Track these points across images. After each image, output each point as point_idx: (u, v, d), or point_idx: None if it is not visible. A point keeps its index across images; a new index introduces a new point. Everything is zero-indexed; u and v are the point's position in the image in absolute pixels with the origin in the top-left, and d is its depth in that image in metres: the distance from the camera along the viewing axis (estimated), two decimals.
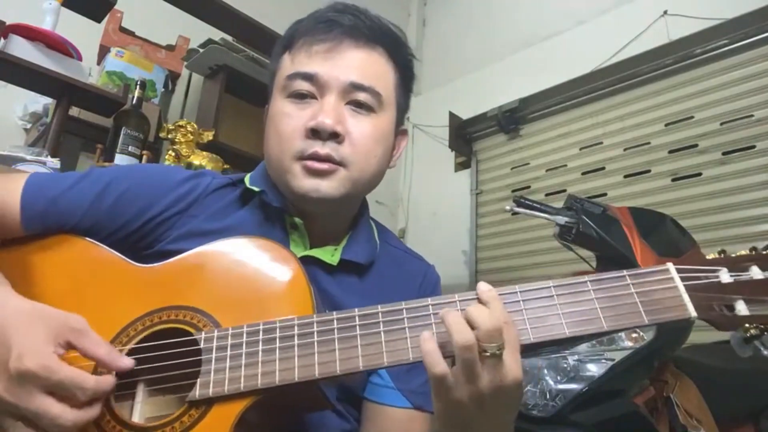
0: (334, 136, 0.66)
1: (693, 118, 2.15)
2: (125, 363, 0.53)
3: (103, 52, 1.89)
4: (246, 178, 0.76)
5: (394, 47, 0.74)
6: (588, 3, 2.63)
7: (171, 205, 0.69)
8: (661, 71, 2.24)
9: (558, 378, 1.12)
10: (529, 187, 2.63)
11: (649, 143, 2.25)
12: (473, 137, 2.96)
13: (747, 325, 0.50)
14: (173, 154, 1.63)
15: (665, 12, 2.27)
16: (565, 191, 2.42)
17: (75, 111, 1.65)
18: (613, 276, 0.53)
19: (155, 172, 0.73)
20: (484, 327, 0.48)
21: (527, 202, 1.39)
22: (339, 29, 0.70)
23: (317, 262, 0.70)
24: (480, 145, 2.95)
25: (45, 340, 0.50)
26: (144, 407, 0.57)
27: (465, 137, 2.95)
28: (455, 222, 2.90)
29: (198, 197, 0.72)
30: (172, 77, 2.05)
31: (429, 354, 0.49)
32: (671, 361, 1.24)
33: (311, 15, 0.73)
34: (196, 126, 1.70)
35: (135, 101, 1.59)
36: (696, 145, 2.11)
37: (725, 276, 0.51)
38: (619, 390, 1.12)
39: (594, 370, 1.10)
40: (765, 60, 1.99)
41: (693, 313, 0.50)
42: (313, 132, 0.66)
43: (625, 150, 2.32)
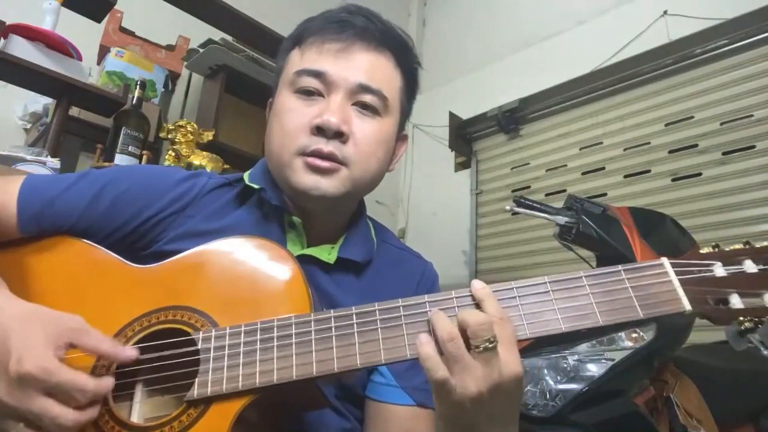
0: (338, 135, 0.66)
1: (693, 118, 2.14)
2: (130, 353, 0.54)
3: (103, 52, 1.89)
4: (245, 175, 0.76)
5: (402, 53, 0.74)
6: (588, 3, 2.63)
7: (168, 206, 0.69)
8: (661, 71, 2.24)
9: (558, 378, 1.12)
10: (529, 187, 2.63)
11: (649, 143, 2.24)
12: (473, 137, 2.96)
13: (741, 318, 0.50)
14: (173, 154, 1.63)
15: (665, 12, 2.27)
16: (565, 191, 2.42)
17: (75, 111, 1.65)
18: (609, 271, 0.53)
19: (152, 173, 0.73)
20: (473, 321, 0.48)
21: (527, 202, 1.39)
22: (351, 30, 0.70)
23: (314, 260, 0.70)
24: (480, 145, 2.95)
25: (44, 342, 0.50)
26: (142, 407, 0.57)
27: (465, 137, 2.95)
28: (455, 222, 2.90)
29: (195, 197, 0.72)
30: (172, 77, 2.05)
31: (428, 359, 0.49)
32: (671, 361, 1.24)
33: (322, 14, 0.73)
34: (196, 126, 1.70)
35: (135, 101, 1.59)
36: (696, 145, 2.11)
37: (719, 270, 0.52)
38: (619, 390, 1.11)
39: (594, 370, 1.10)
40: (765, 60, 1.99)
41: (688, 307, 0.50)
42: (318, 129, 0.66)
43: (625, 150, 2.31)
